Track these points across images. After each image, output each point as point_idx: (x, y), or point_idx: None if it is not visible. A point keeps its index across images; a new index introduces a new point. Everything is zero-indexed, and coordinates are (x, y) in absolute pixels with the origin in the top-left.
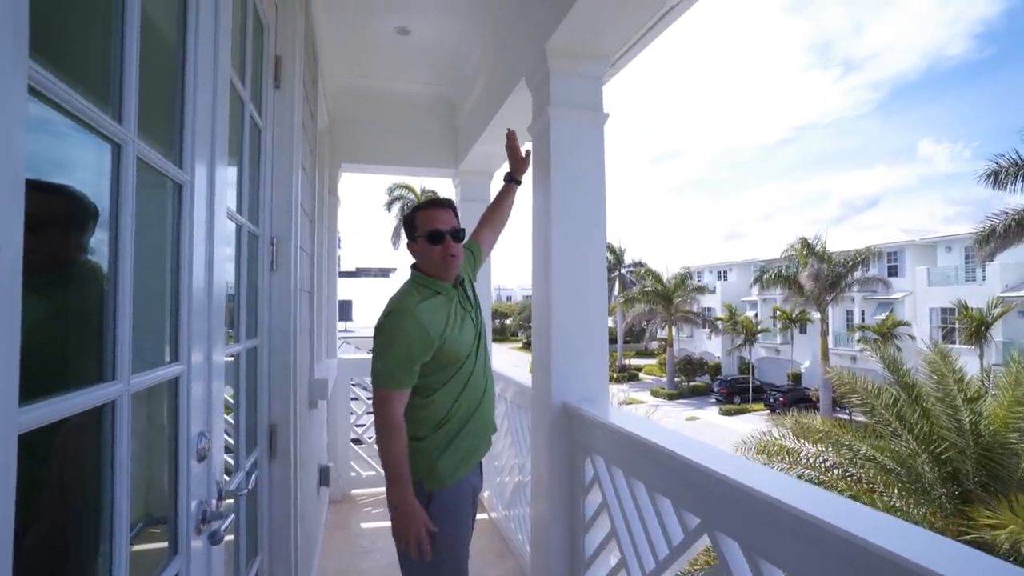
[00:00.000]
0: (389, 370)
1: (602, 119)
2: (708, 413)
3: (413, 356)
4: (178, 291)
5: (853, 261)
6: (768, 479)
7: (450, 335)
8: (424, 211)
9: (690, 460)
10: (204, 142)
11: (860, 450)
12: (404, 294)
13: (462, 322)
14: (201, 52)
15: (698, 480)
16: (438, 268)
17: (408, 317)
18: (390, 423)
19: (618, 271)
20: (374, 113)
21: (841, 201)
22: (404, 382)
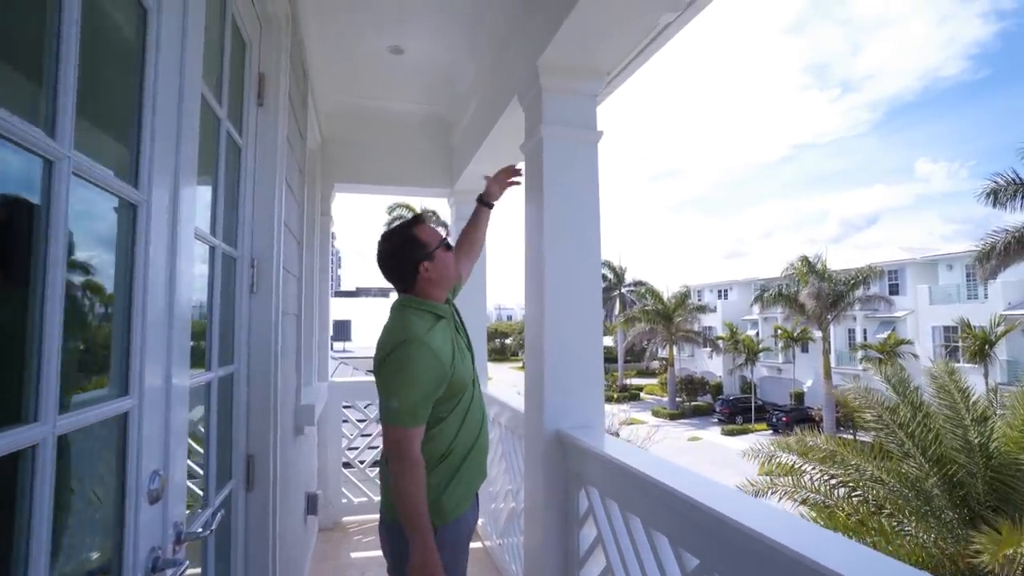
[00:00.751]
0: (408, 407)
1: (596, 137)
2: (710, 433)
3: (431, 391)
4: (129, 319)
5: (854, 279)
6: (771, 520)
7: (458, 363)
8: (421, 226)
9: (688, 497)
10: (165, 161)
11: (867, 471)
12: (409, 323)
13: (462, 349)
14: (164, 66)
15: (697, 518)
16: (449, 281)
17: (422, 348)
18: (414, 463)
19: (618, 290)
20: (368, 132)
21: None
22: (421, 417)
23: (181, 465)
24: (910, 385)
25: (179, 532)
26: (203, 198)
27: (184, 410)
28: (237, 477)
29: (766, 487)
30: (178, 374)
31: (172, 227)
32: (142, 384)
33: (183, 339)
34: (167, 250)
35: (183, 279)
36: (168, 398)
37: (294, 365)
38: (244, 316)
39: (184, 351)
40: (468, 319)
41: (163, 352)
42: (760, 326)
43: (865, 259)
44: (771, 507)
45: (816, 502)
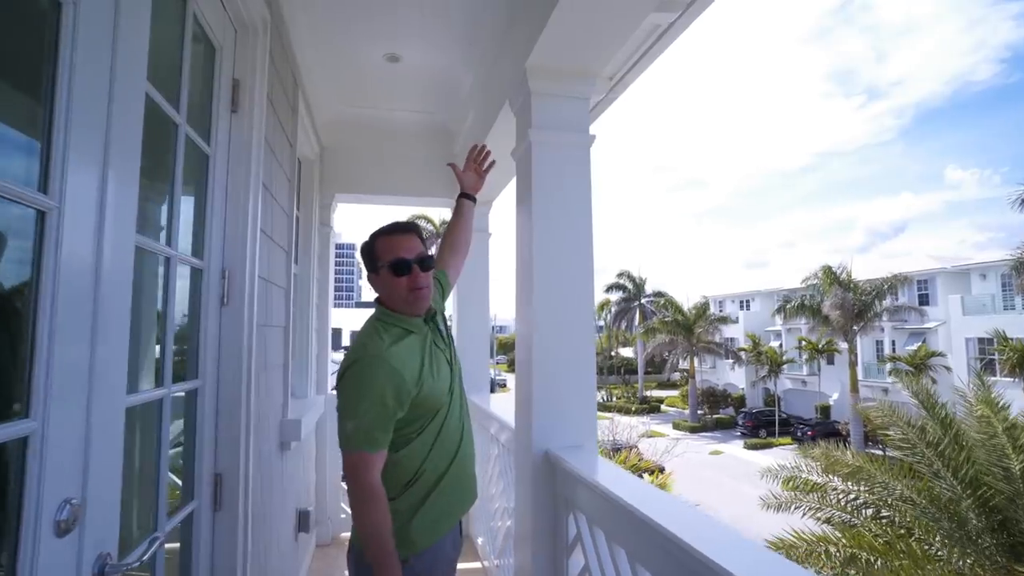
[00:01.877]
0: (364, 429)
1: (588, 141)
2: (733, 447)
3: (389, 412)
4: (34, 338)
5: (880, 289)
6: (770, 565)
7: (427, 381)
8: (385, 237)
9: (674, 536)
10: (87, 166)
11: (896, 490)
12: (369, 337)
13: (438, 364)
14: (86, 68)
15: (683, 560)
16: (406, 303)
17: (380, 365)
18: (370, 491)
19: (638, 301)
20: (369, 142)
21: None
22: (381, 442)
23: (111, 491)
24: (939, 400)
25: (104, 565)
26: (152, 207)
27: (116, 431)
28: (201, 497)
29: (789, 502)
30: (106, 393)
31: (97, 236)
32: (46, 406)
33: (115, 355)
34: (91, 261)
35: (115, 291)
36: (89, 419)
37: (281, 379)
38: (212, 329)
39: (117, 368)
40: (469, 325)
41: (81, 370)
42: (784, 337)
43: (893, 269)
44: (769, 553)
45: (841, 520)
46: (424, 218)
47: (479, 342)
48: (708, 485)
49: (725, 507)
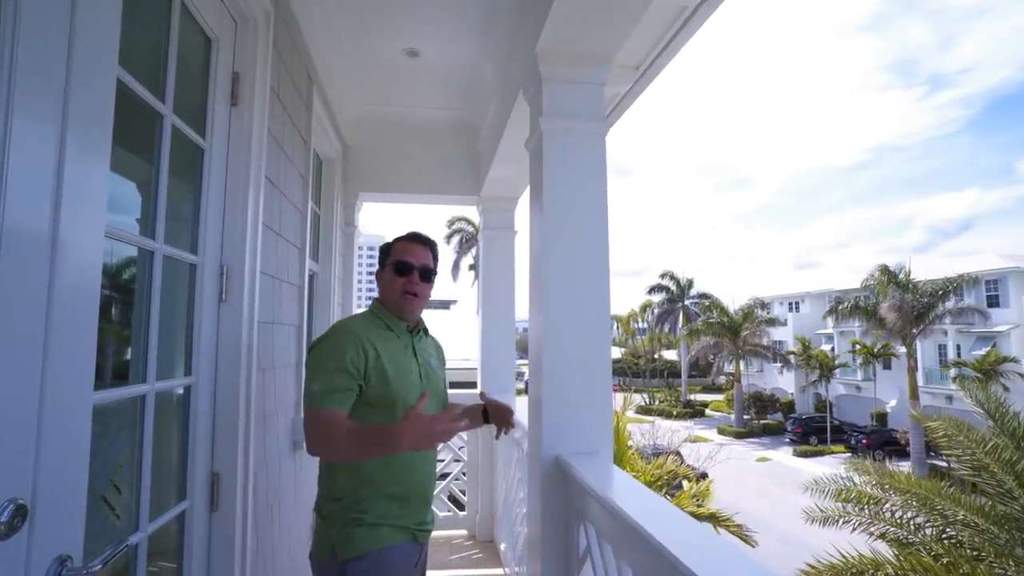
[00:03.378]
0: (326, 389)
1: (603, 129)
2: (781, 454)
3: (349, 368)
4: None
5: (943, 290)
6: None
7: (391, 369)
8: (403, 242)
9: (680, 562)
10: (36, 150)
11: (958, 514)
12: (351, 317)
13: (408, 368)
14: (32, 49)
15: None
16: (396, 302)
17: (348, 335)
18: (338, 436)
19: (682, 302)
20: (391, 141)
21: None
22: (345, 402)
23: (71, 490)
24: (1010, 409)
25: (61, 568)
26: (134, 198)
27: (79, 427)
28: (195, 497)
29: (838, 516)
30: (63, 387)
31: (53, 218)
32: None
33: (76, 348)
34: (45, 239)
35: (77, 278)
36: (41, 413)
37: (293, 377)
38: (210, 326)
39: (79, 362)
40: (493, 325)
41: (28, 361)
42: (836, 340)
43: (957, 268)
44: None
45: (895, 536)
46: (465, 219)
47: (504, 343)
48: (753, 493)
49: (771, 517)
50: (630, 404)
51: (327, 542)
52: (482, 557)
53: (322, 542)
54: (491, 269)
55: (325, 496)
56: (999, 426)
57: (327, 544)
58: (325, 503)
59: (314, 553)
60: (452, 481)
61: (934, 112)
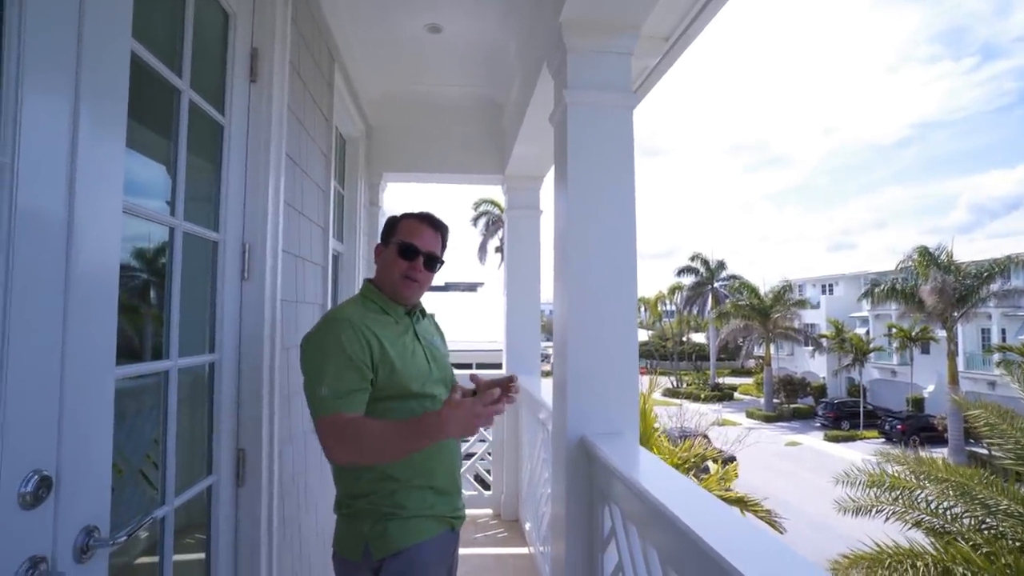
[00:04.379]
0: (337, 392)
1: (631, 102)
2: (811, 438)
3: (356, 364)
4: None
5: (989, 272)
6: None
7: (395, 356)
8: (413, 221)
9: (707, 544)
10: (49, 122)
11: (1000, 504)
12: (343, 304)
13: (413, 352)
14: (38, 18)
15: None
16: (394, 286)
17: (344, 325)
18: (371, 439)
19: (710, 285)
20: (416, 119)
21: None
22: (357, 402)
23: (96, 462)
24: None
25: (88, 539)
26: (152, 175)
27: (102, 402)
28: (221, 472)
29: (870, 504)
30: (84, 362)
31: (68, 195)
32: (4, 370)
33: (96, 323)
34: (61, 218)
35: (95, 256)
36: (62, 388)
37: None
38: (232, 303)
39: (99, 333)
40: (518, 306)
41: (48, 335)
42: (871, 324)
43: (1002, 249)
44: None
45: (931, 525)
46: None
47: (529, 324)
48: (783, 478)
49: (801, 502)
50: (657, 386)
51: (358, 540)
52: (507, 536)
53: (351, 541)
54: (516, 250)
55: (349, 493)
56: None
57: (359, 542)
58: (351, 500)
59: (341, 553)
60: (477, 461)
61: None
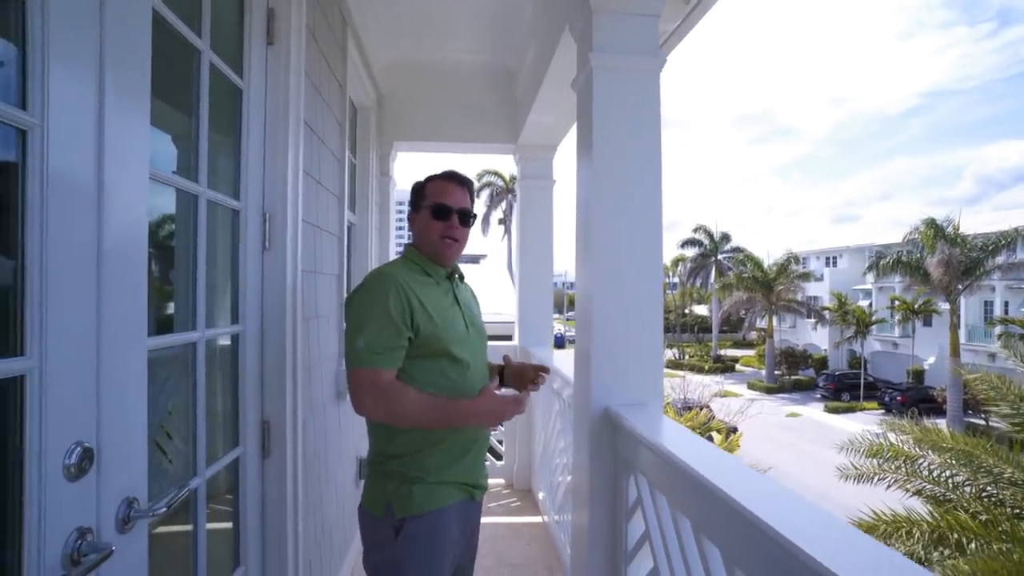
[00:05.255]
0: (374, 347)
1: (657, 66)
2: (811, 410)
3: (396, 321)
4: (23, 269)
5: (995, 244)
6: (859, 549)
7: (436, 315)
8: (438, 181)
9: (746, 509)
10: (76, 83)
11: (1005, 472)
12: (387, 264)
13: (453, 315)
14: None
15: (754, 536)
16: (433, 248)
17: (389, 282)
18: (403, 404)
19: (714, 257)
20: (428, 88)
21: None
22: (395, 359)
23: (134, 434)
24: None
25: (129, 510)
26: (175, 140)
27: (136, 373)
28: (247, 444)
29: (872, 472)
30: (118, 332)
31: (97, 160)
32: (43, 342)
33: (128, 293)
34: (91, 188)
35: (125, 225)
36: (99, 358)
37: (335, 328)
38: (254, 274)
39: (132, 306)
40: (530, 279)
41: (84, 305)
42: (874, 296)
43: (1008, 222)
44: (857, 534)
45: (932, 494)
46: (495, 172)
47: (541, 296)
48: (784, 449)
49: (802, 473)
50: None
51: (383, 497)
52: (520, 505)
53: (377, 497)
54: (529, 220)
55: (382, 452)
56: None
57: (383, 499)
58: (382, 459)
59: (366, 507)
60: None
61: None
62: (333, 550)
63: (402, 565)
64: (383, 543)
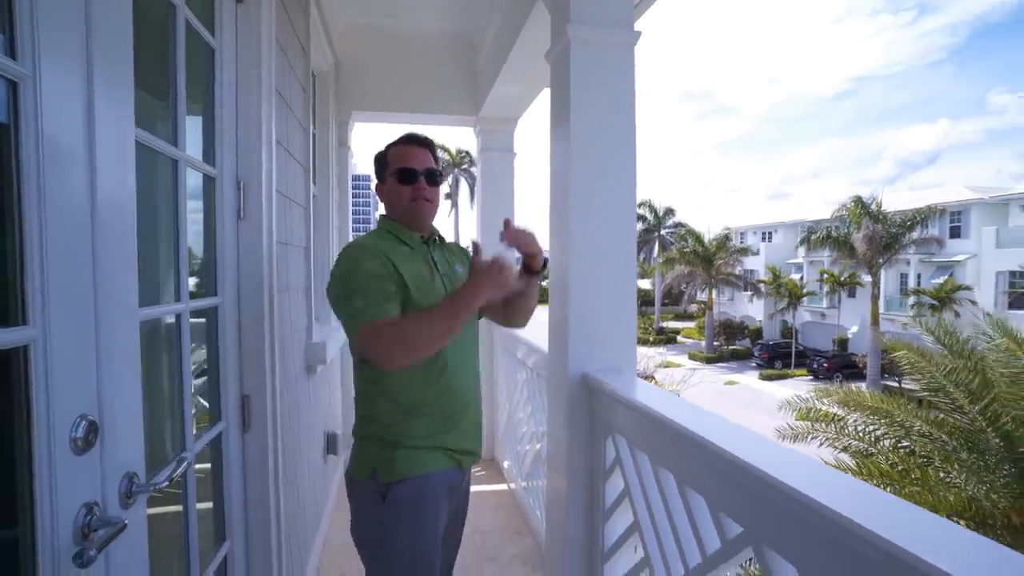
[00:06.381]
0: (371, 301)
1: (633, 39)
2: (747, 378)
3: (387, 285)
4: (22, 231)
5: (912, 221)
6: (837, 487)
7: (414, 284)
8: (398, 147)
9: (729, 454)
10: (64, 32)
11: (914, 425)
12: (360, 237)
13: (429, 281)
14: None
15: (740, 479)
16: (407, 213)
17: (361, 250)
18: (414, 333)
19: (657, 232)
20: (386, 55)
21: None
22: (393, 305)
23: (131, 405)
24: (959, 336)
25: (130, 485)
26: (151, 102)
27: (131, 344)
28: (229, 418)
29: (806, 433)
30: (114, 301)
31: (88, 116)
32: (45, 310)
33: (120, 259)
34: (82, 148)
35: (115, 188)
36: (97, 328)
37: (304, 301)
38: (230, 244)
39: (125, 274)
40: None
41: (82, 272)
42: (805, 270)
43: (922, 200)
44: (833, 470)
45: (857, 449)
46: (441, 147)
47: None
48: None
49: None
50: None
51: (367, 462)
52: (485, 474)
53: (361, 462)
54: (491, 192)
55: (364, 417)
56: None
57: (367, 464)
58: (364, 424)
59: (353, 474)
60: None
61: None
62: (308, 524)
63: (390, 530)
64: (371, 508)
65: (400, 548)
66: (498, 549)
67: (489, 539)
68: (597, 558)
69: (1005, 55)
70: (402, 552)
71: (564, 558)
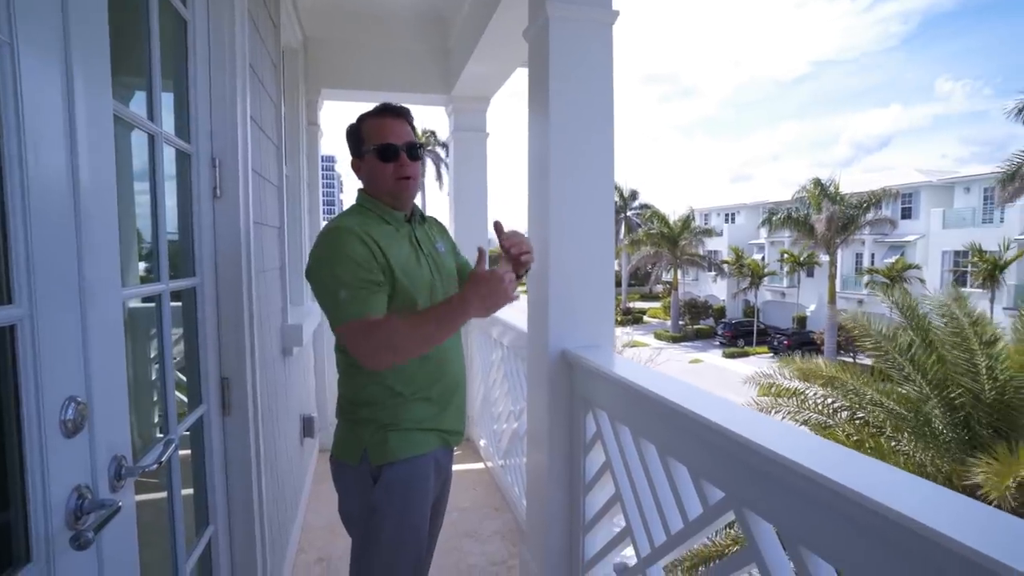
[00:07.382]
0: (356, 296)
1: (611, 18)
2: (711, 356)
3: (365, 266)
4: (3, 204)
5: (867, 203)
6: (813, 448)
7: (398, 263)
8: (374, 119)
9: (711, 422)
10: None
11: (867, 394)
12: (341, 215)
13: (414, 261)
14: None
15: (722, 446)
16: (390, 192)
17: (342, 233)
18: (401, 335)
19: (624, 213)
20: (356, 32)
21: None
22: (380, 302)
23: (117, 387)
24: (918, 309)
25: (119, 468)
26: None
27: (115, 324)
28: (209, 401)
29: (770, 407)
30: (96, 279)
31: (67, 86)
32: (31, 288)
33: (101, 234)
34: (61, 121)
35: (94, 163)
36: (83, 307)
37: (278, 283)
38: (207, 224)
39: (107, 248)
40: (464, 233)
41: (65, 249)
42: (767, 250)
43: (876, 182)
44: (813, 436)
45: (817, 422)
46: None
47: (476, 245)
48: None
49: None
50: None
51: (357, 445)
52: (460, 454)
53: (350, 445)
54: (463, 172)
55: (352, 400)
56: (907, 319)
57: (357, 447)
58: (353, 407)
59: (340, 458)
60: None
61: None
62: (287, 506)
63: (380, 512)
64: (360, 491)
65: (391, 526)
66: (477, 525)
67: (468, 516)
68: (578, 530)
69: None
70: (392, 530)
71: (545, 531)
